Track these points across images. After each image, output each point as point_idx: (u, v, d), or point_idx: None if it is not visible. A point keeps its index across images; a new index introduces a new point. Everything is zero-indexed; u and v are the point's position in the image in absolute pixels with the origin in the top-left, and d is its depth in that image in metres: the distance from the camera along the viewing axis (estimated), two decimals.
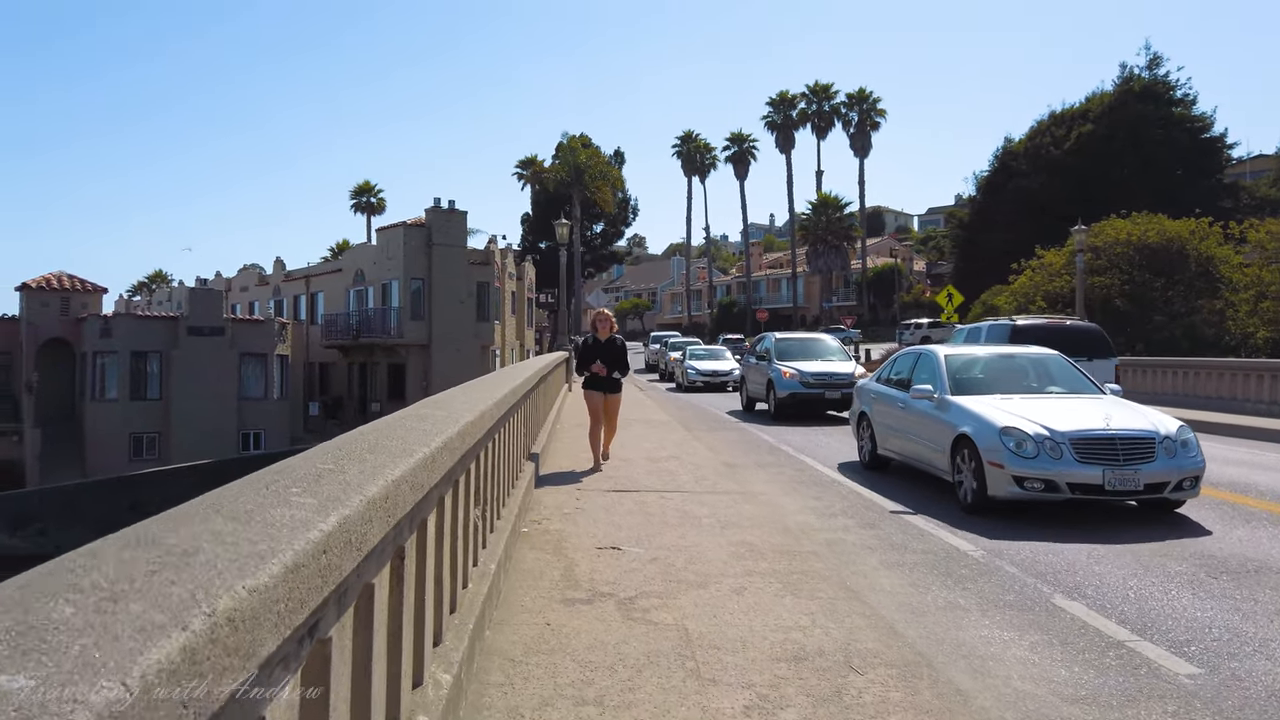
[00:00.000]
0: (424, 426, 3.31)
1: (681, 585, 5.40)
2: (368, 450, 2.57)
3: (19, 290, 31.56)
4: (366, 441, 2.74)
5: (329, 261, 51.34)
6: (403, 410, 4.05)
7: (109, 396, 30.86)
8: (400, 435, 2.98)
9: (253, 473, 2.18)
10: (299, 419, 35.72)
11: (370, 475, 2.20)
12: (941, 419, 9.09)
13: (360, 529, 1.95)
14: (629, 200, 68.57)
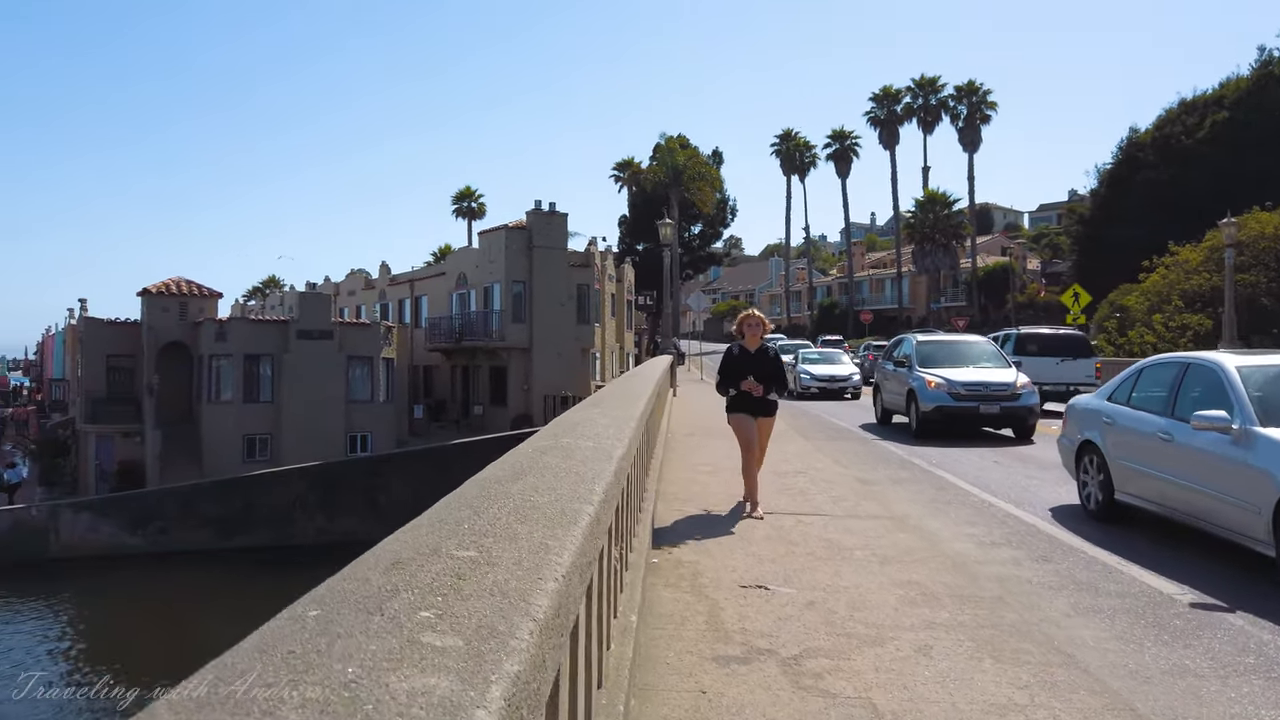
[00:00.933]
0: (573, 466, 2.57)
1: (852, 641, 4.55)
2: (515, 517, 1.82)
3: (140, 295, 32.69)
4: (511, 500, 1.99)
5: (432, 265, 51.99)
6: (537, 439, 3.32)
7: (224, 399, 31.64)
8: (550, 483, 2.23)
9: (350, 576, 1.44)
10: (404, 422, 36.01)
11: (532, 571, 1.43)
12: (1247, 463, 6.35)
13: (532, 680, 1.18)
14: (728, 201, 67.48)
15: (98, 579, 25.62)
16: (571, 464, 2.58)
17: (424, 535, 1.65)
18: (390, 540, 1.62)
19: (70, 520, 27.41)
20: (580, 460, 2.64)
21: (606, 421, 3.88)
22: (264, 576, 25.95)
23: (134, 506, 27.93)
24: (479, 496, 2.05)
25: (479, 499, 2.01)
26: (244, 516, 28.42)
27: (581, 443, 3.11)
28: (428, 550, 1.53)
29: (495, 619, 1.17)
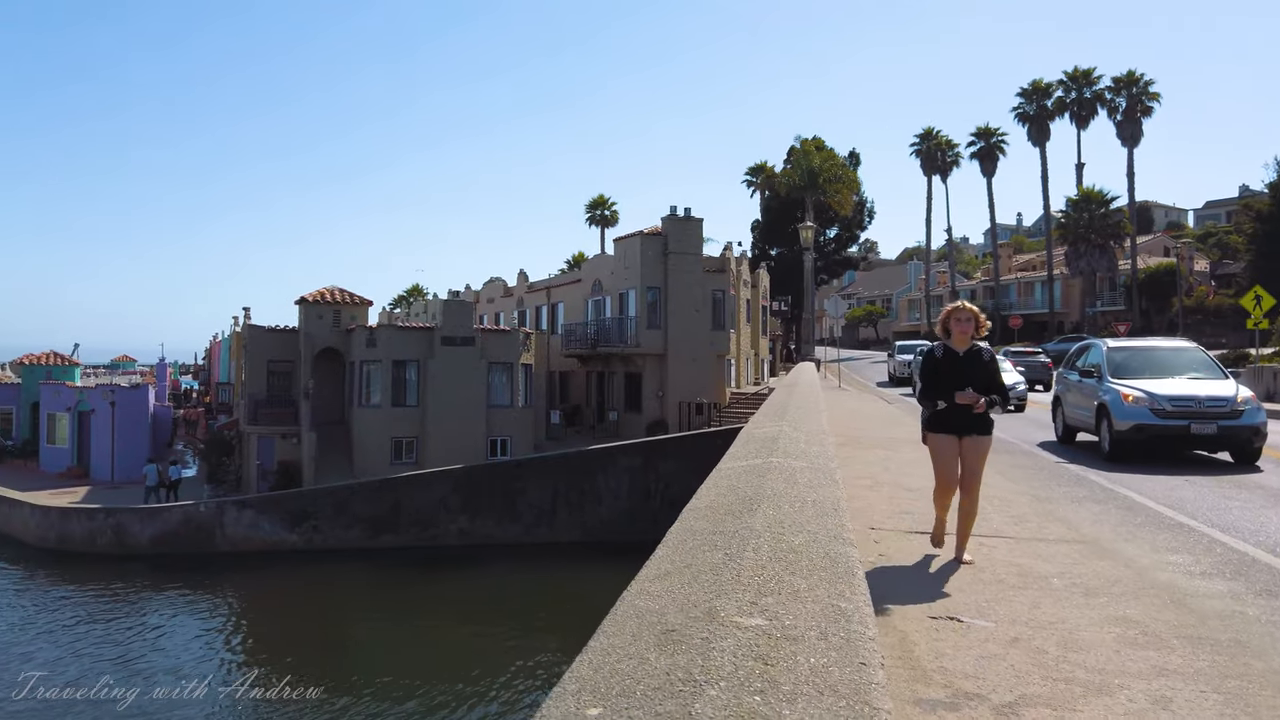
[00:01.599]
0: (800, 491, 2.23)
1: (1072, 688, 3.99)
2: (781, 564, 1.48)
3: (298, 304, 34.42)
4: (760, 540, 1.66)
5: (567, 273, 52.75)
6: (740, 456, 2.99)
7: (373, 403, 32.89)
8: (791, 515, 1.89)
9: (620, 650, 1.13)
10: (542, 426, 36.52)
11: (846, 652, 1.10)
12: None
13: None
14: (865, 203, 65.65)
15: (258, 573, 27.02)
16: (797, 489, 2.23)
17: (684, 589, 1.33)
18: (642, 588, 1.31)
19: (234, 517, 29.05)
20: (805, 484, 2.30)
21: (800, 436, 3.52)
22: (410, 576, 26.77)
23: (291, 505, 29.33)
24: (717, 533, 1.72)
25: (720, 536, 1.68)
26: (392, 517, 29.41)
27: (793, 462, 2.76)
28: (701, 614, 1.21)
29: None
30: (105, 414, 36.81)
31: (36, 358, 44.92)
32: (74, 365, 45.37)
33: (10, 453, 41.48)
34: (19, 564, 27.74)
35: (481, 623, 22.29)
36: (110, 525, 28.93)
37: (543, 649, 20.22)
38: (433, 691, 17.58)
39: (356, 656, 20.22)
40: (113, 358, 64.28)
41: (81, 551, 28.62)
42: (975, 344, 6.54)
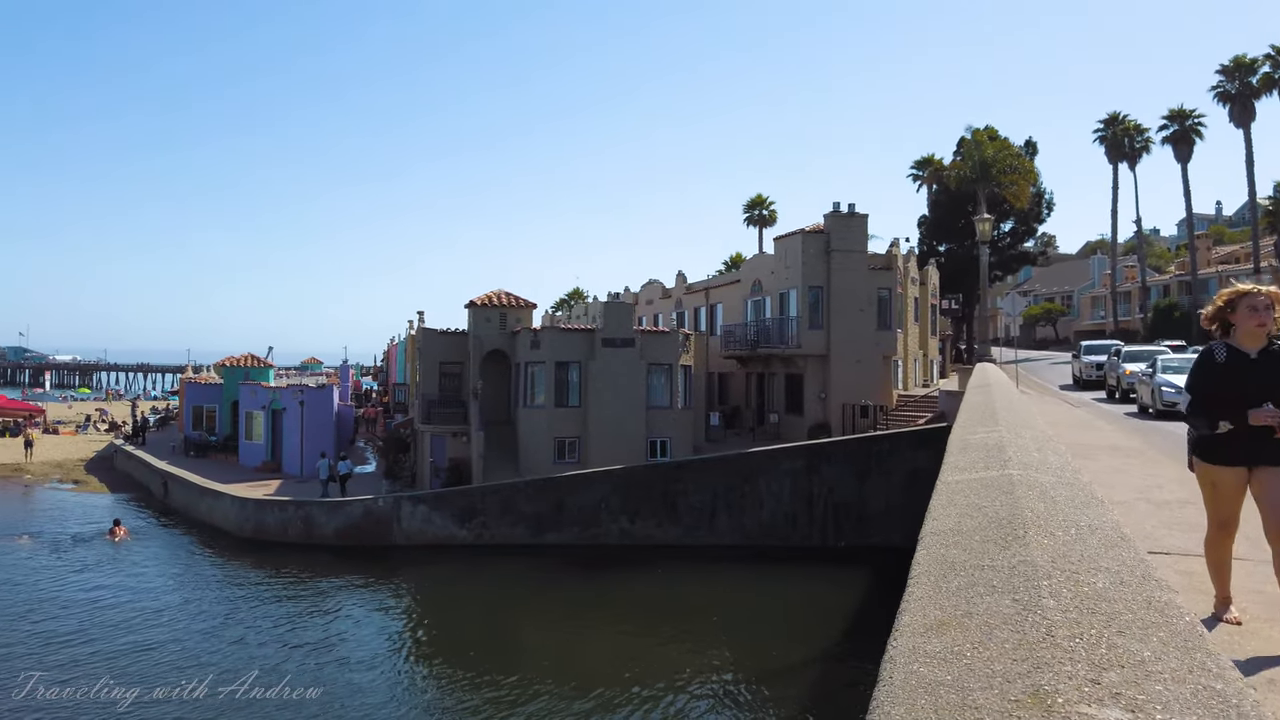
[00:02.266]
0: (1065, 512, 1.80)
1: None
2: (1101, 619, 1.09)
3: (467, 307, 35.71)
4: (1053, 582, 1.27)
5: (725, 273, 52.38)
6: (963, 468, 2.56)
7: (537, 403, 33.66)
8: (1075, 547, 1.48)
9: None
10: (701, 428, 36.32)
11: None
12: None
13: None
14: (1043, 194, 61.75)
15: (431, 565, 28.13)
16: (1059, 509, 1.81)
17: (980, 651, 0.97)
18: (916, 645, 0.96)
19: (409, 511, 30.39)
20: (1067, 504, 1.87)
21: (1028, 443, 3.04)
22: (572, 574, 27.13)
23: (461, 501, 30.39)
24: (986, 568, 1.34)
25: (993, 572, 1.30)
26: (555, 515, 29.95)
27: (1037, 475, 2.32)
28: (1024, 695, 0.86)
29: None
30: (295, 413, 39.43)
31: (236, 360, 48.79)
32: (268, 367, 48.97)
33: (214, 447, 45.22)
34: (223, 551, 30.05)
35: (642, 623, 22.25)
36: (300, 517, 30.90)
37: (704, 653, 19.95)
38: (597, 691, 17.64)
39: (521, 650, 20.61)
40: (302, 360, 69.09)
41: (275, 541, 30.70)
42: (1276, 342, 4.84)
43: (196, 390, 48.43)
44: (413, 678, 18.73)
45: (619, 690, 17.67)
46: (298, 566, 27.61)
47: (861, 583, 26.50)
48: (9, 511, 36.71)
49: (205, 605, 23.51)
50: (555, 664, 19.21)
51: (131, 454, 47.00)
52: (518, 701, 17.12)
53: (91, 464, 50.05)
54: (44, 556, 28.70)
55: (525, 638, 21.89)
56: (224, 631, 21.29)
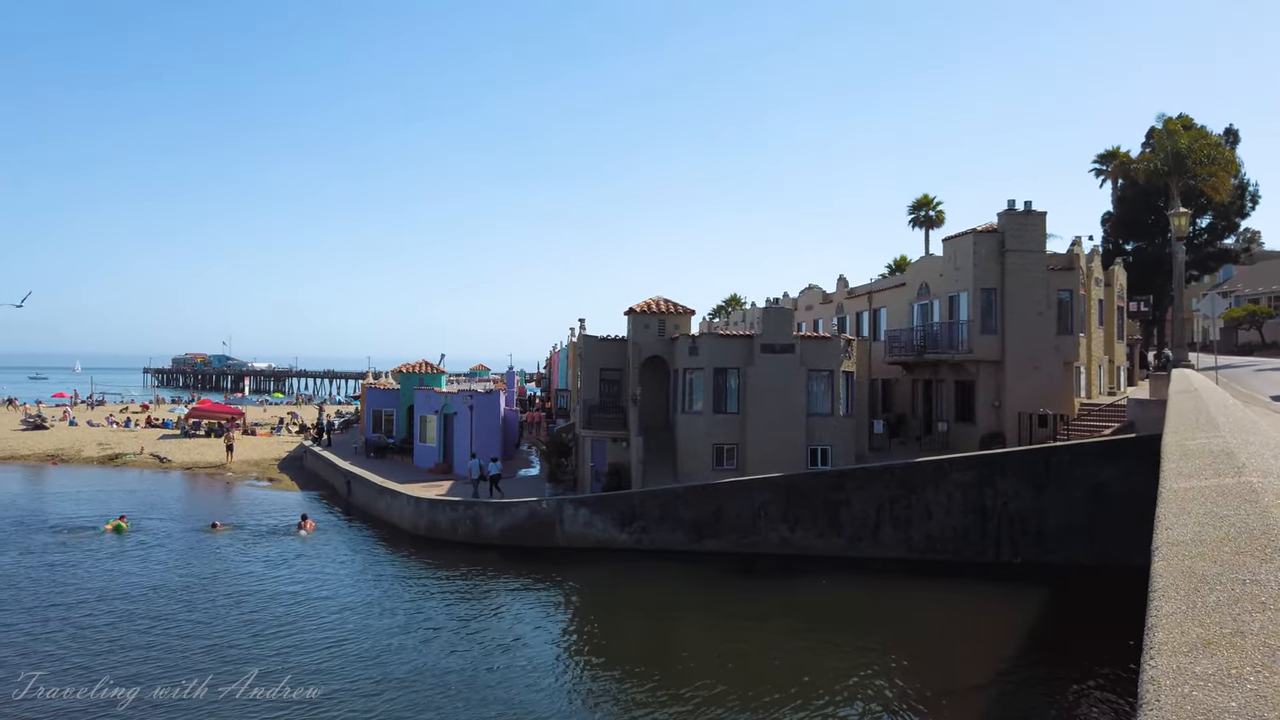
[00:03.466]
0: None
1: None
2: None
3: (627, 314, 36.12)
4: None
5: (888, 277, 50.68)
6: (1190, 475, 2.19)
7: (695, 409, 33.60)
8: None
9: None
10: (864, 436, 35.21)
11: None
12: None
13: None
14: (1246, 186, 56.33)
15: (592, 567, 28.53)
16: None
17: (1264, 676, 0.75)
18: (1182, 666, 0.89)
19: (571, 514, 30.99)
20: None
21: (1262, 450, 2.59)
22: (731, 581, 26.84)
23: (621, 506, 30.70)
24: (1248, 581, 1.05)
25: (1255, 587, 1.01)
26: (714, 522, 29.76)
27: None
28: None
29: None
30: (465, 416, 41.09)
31: (411, 367, 51.44)
32: (440, 373, 51.35)
33: (391, 449, 47.80)
34: (399, 547, 31.61)
35: (806, 634, 21.68)
36: (469, 516, 32.11)
37: (873, 667, 19.19)
38: (758, 700, 17.27)
39: (680, 655, 20.50)
40: (471, 367, 72.05)
41: (445, 539, 32.04)
42: None
43: (376, 395, 51.37)
44: (573, 677, 18.97)
45: (781, 702, 17.24)
46: (467, 564, 28.66)
47: (1042, 601, 24.88)
48: (212, 504, 40.08)
49: (387, 601, 24.73)
50: (714, 671, 18.98)
51: (318, 454, 50.36)
52: (676, 707, 17.01)
53: (284, 463, 54.00)
54: (241, 545, 31.10)
55: (684, 643, 21.77)
56: (405, 625, 22.31)
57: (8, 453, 57.20)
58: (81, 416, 75.93)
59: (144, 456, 55.55)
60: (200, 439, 62.14)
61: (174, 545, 31.41)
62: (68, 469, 52.71)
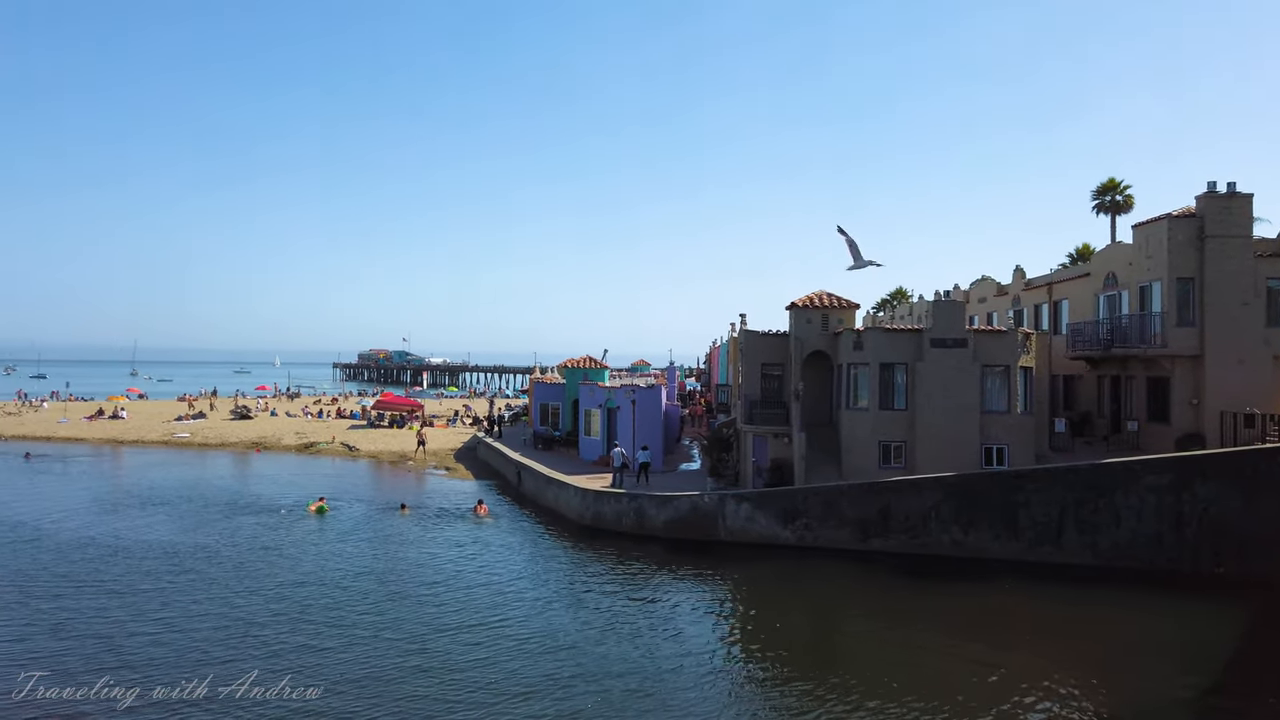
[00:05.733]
0: None
1: None
2: None
3: (788, 309, 35.75)
4: None
5: (1070, 267, 47.72)
6: None
7: (860, 405, 32.84)
8: None
9: None
10: (1043, 436, 33.35)
11: None
12: None
13: None
14: None
15: (754, 563, 28.47)
16: None
17: None
18: None
19: (733, 509, 31.01)
20: None
21: None
22: (900, 583, 26.13)
23: (783, 502, 30.46)
24: None
25: None
26: (880, 521, 29.03)
27: None
28: None
29: None
30: (627, 411, 41.88)
31: (576, 361, 52.92)
32: (604, 368, 52.51)
33: (558, 441, 49.36)
34: (566, 536, 32.65)
35: (980, 643, 20.82)
36: (633, 508, 32.73)
37: (1044, 683, 18.22)
38: (926, 708, 16.77)
39: (844, 656, 20.17)
40: (632, 362, 73.31)
41: (610, 530, 32.80)
42: None
43: (543, 389, 53.16)
44: (738, 673, 19.02)
45: (952, 714, 16.67)
46: (632, 555, 29.25)
47: (1248, 616, 22.85)
48: (397, 489, 42.73)
49: (557, 586, 25.63)
50: (880, 676, 18.56)
51: (490, 445, 52.68)
52: (839, 709, 16.75)
53: (459, 453, 56.82)
54: (425, 527, 33.03)
55: (848, 644, 21.40)
56: (573, 613, 23.07)
57: (218, 440, 63.05)
58: (280, 408, 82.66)
59: (335, 445, 59.84)
60: (384, 429, 66.33)
61: (369, 525, 33.94)
62: (269, 455, 57.52)
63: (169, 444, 62.48)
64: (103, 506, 37.29)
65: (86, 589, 24.20)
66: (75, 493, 40.99)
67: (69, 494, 40.59)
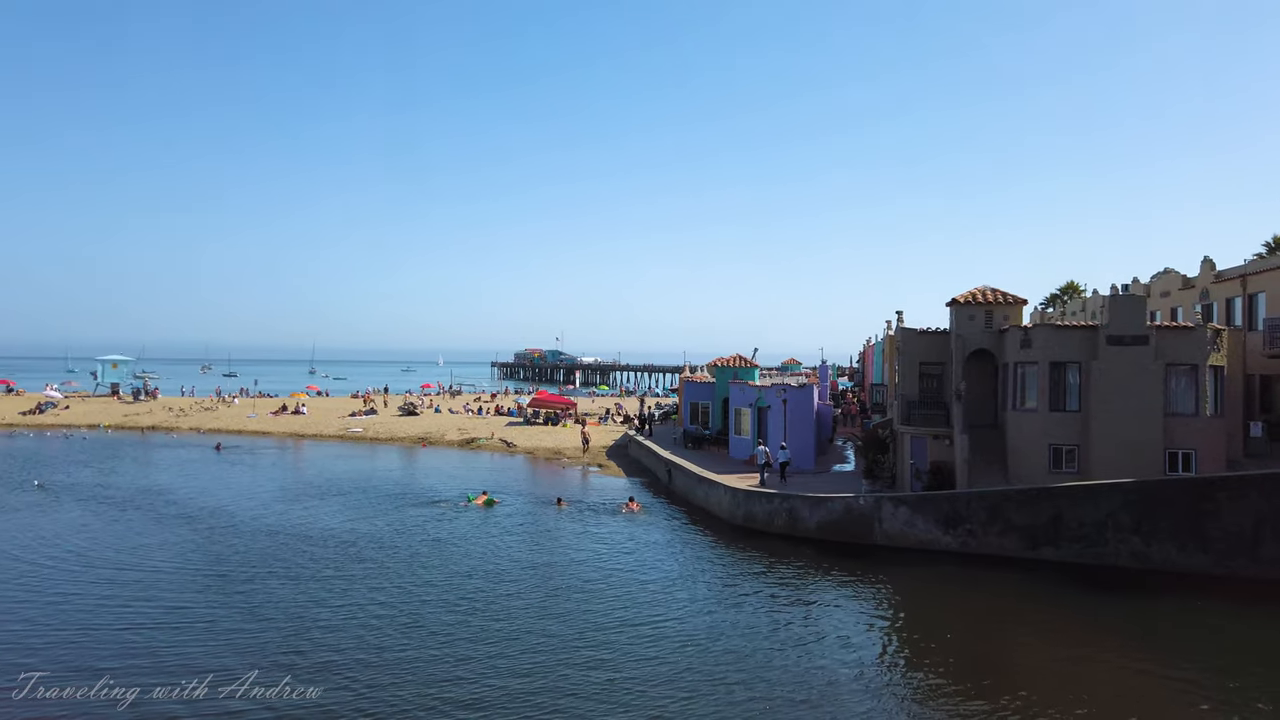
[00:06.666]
0: None
1: None
2: None
3: (949, 305, 34.39)
4: None
5: (1267, 257, 43.63)
6: None
7: (1028, 406, 31.22)
8: None
9: None
10: (1237, 440, 30.70)
11: None
12: None
13: None
14: None
15: (911, 568, 27.56)
16: None
17: None
18: None
19: (890, 513, 30.15)
20: None
21: None
22: (1072, 595, 24.65)
23: (945, 507, 29.35)
24: None
25: None
26: (1051, 529, 27.52)
27: None
28: None
29: None
30: (778, 410, 41.44)
31: (726, 361, 52.81)
32: (753, 367, 52.18)
33: (708, 440, 49.42)
34: (717, 535, 32.66)
35: (1166, 665, 19.37)
36: (785, 509, 32.37)
37: (1256, 708, 16.73)
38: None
39: (1009, 670, 19.19)
40: (783, 360, 72.49)
41: (761, 530, 32.56)
42: None
43: (692, 388, 53.36)
44: (896, 681, 18.46)
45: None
46: (783, 556, 28.93)
47: None
48: (553, 484, 43.97)
49: (713, 587, 25.68)
50: (1049, 695, 17.55)
51: (641, 443, 53.35)
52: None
53: (610, 450, 57.85)
54: (581, 521, 33.85)
55: (1014, 658, 20.35)
56: (733, 615, 23.05)
57: (388, 435, 66.74)
58: (443, 405, 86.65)
59: (493, 441, 62.20)
60: (539, 426, 68.37)
61: (530, 518, 35.20)
62: (434, 450, 60.42)
63: (344, 438, 66.67)
64: (287, 496, 40.24)
65: (274, 576, 26.14)
66: (263, 483, 44.40)
67: (258, 484, 44.00)
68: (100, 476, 45.74)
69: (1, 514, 35.13)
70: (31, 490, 41.03)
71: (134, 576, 25.52)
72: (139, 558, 27.90)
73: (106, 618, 21.62)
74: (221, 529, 32.60)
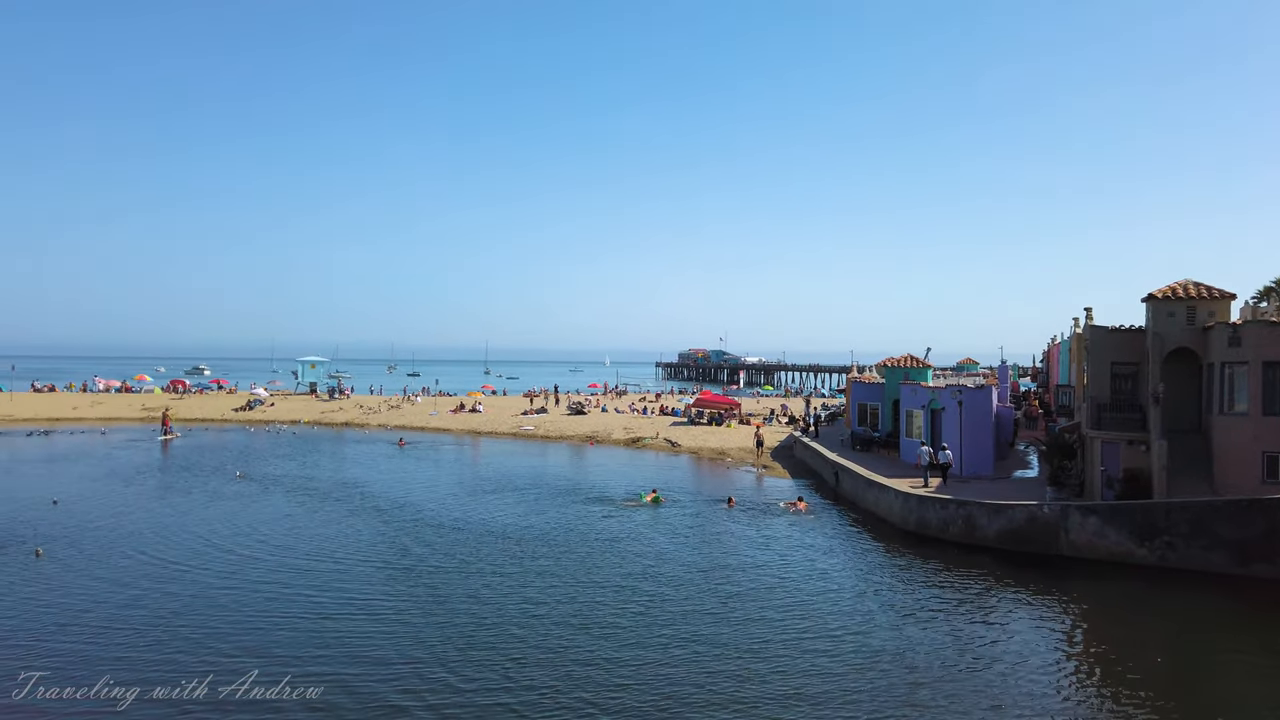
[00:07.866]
0: None
1: None
2: None
3: (1145, 301, 32.00)
4: None
5: None
6: None
7: (1237, 410, 28.64)
8: None
9: None
10: None
11: None
12: None
13: None
14: None
15: (1101, 582, 25.85)
16: None
17: None
18: None
19: (1079, 522, 28.39)
20: None
21: None
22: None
23: (1139, 517, 27.38)
24: None
25: None
26: (1267, 543, 25.15)
27: None
28: None
29: None
30: (953, 412, 39.85)
31: (896, 361, 51.25)
32: (927, 367, 50.37)
33: (877, 443, 48.13)
34: (888, 541, 31.77)
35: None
36: (961, 516, 31.11)
37: None
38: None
39: (1215, 699, 17.64)
40: (958, 360, 69.53)
41: (935, 537, 31.42)
42: None
43: (861, 389, 52.13)
44: (1082, 703, 17.40)
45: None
46: (960, 565, 27.80)
47: None
48: (719, 484, 44.16)
49: (892, 597, 25.04)
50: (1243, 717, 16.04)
51: (807, 445, 52.63)
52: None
53: (776, 451, 57.39)
54: (751, 521, 33.88)
55: (1221, 685, 18.68)
56: (919, 631, 22.43)
57: (558, 433, 68.95)
58: (610, 404, 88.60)
59: (658, 441, 63.05)
60: (703, 426, 68.71)
61: (701, 518, 35.55)
62: (601, 448, 61.92)
63: (517, 435, 69.45)
64: (466, 490, 42.39)
65: (455, 571, 27.58)
66: (444, 477, 46.96)
67: (439, 479, 46.56)
68: (302, 470, 49.76)
69: (217, 501, 38.92)
70: (234, 480, 45.19)
71: (325, 566, 27.67)
72: (335, 545, 30.23)
73: (300, 605, 23.56)
74: (409, 521, 34.72)
